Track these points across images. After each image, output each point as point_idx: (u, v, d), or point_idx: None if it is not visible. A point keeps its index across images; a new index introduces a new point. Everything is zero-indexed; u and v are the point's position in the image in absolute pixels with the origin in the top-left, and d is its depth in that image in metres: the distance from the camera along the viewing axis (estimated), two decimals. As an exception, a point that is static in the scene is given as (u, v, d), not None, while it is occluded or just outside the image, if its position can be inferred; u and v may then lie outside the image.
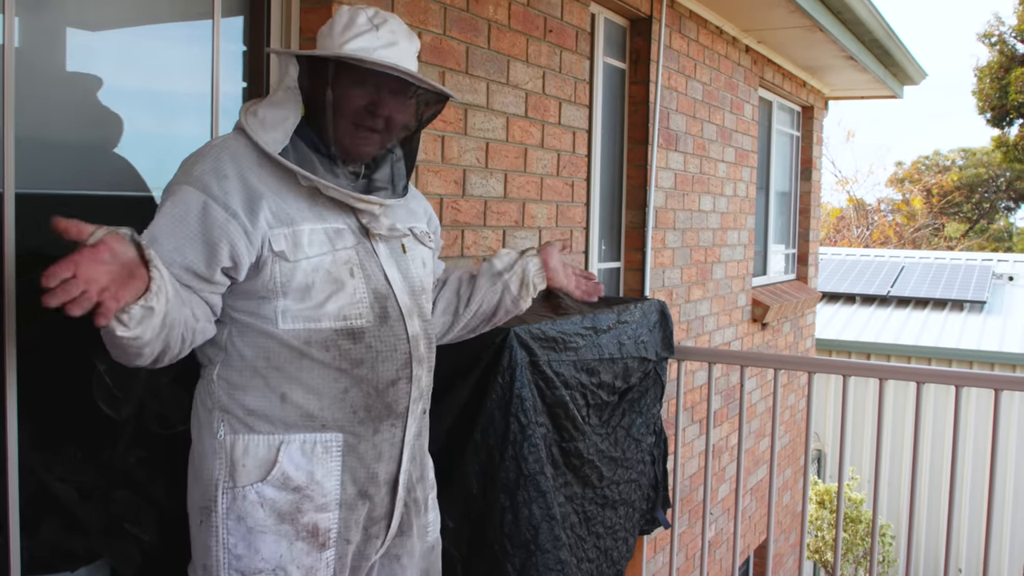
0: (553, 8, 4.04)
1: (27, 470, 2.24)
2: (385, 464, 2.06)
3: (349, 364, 1.95)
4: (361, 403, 1.97)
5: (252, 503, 1.92)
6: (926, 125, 64.46)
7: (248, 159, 1.94)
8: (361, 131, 2.00)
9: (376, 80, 1.98)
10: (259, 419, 1.93)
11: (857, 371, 3.76)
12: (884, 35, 6.95)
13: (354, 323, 1.95)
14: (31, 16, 2.32)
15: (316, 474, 1.95)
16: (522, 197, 3.87)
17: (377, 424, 2.01)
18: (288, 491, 1.93)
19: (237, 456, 1.93)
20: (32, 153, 2.29)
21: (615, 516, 3.27)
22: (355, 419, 1.98)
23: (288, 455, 1.93)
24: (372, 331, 1.98)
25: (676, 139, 5.42)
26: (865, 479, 12.43)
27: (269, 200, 1.90)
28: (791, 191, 8.57)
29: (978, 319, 13.18)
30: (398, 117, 2.03)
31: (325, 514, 1.97)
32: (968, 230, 29.75)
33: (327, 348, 1.93)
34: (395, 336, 2.01)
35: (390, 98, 2.00)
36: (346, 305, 1.95)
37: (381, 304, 2.00)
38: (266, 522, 1.93)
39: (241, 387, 1.94)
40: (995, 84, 20.11)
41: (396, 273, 2.07)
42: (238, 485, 1.93)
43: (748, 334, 6.92)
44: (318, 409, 1.95)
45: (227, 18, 2.82)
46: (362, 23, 1.97)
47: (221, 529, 1.94)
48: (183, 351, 1.86)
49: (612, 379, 3.21)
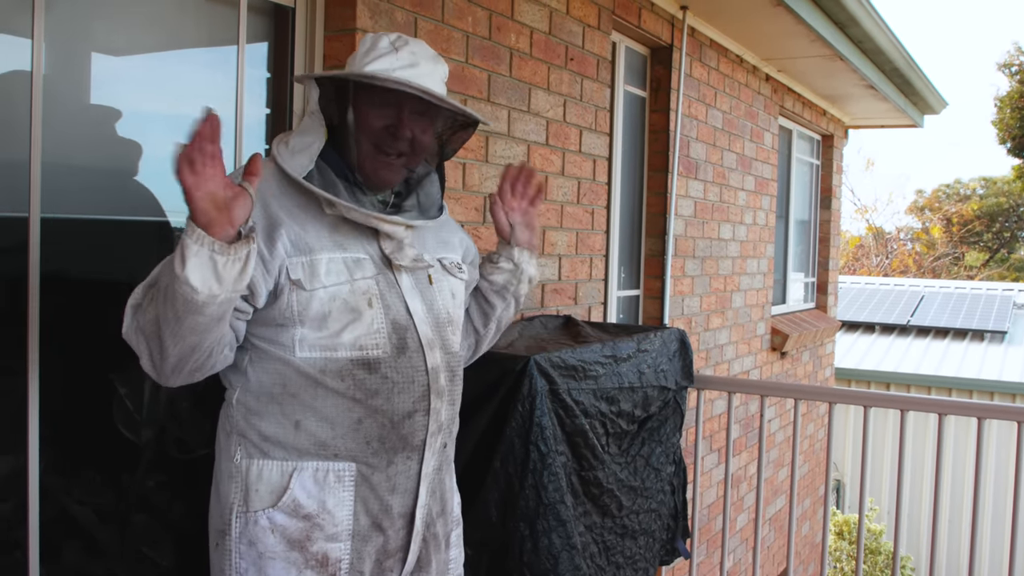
0: (574, 37, 4.06)
1: (47, 493, 2.24)
2: (400, 497, 2.02)
3: (364, 394, 1.93)
4: (375, 434, 1.95)
5: (263, 528, 1.92)
6: (946, 154, 64.23)
7: (273, 187, 1.95)
8: (383, 155, 1.98)
9: (396, 101, 1.96)
10: (273, 445, 1.93)
11: (878, 402, 3.73)
12: (905, 64, 6.94)
13: (370, 353, 1.93)
14: (59, 43, 2.34)
15: (328, 503, 1.94)
16: (542, 224, 3.88)
17: (391, 456, 1.98)
18: (299, 519, 1.92)
19: (251, 481, 1.93)
20: (57, 178, 2.30)
21: (635, 546, 3.25)
22: (368, 450, 1.95)
23: (300, 482, 1.92)
24: (389, 362, 1.95)
25: (696, 167, 5.42)
26: (884, 510, 12.31)
27: (288, 228, 1.91)
28: (811, 219, 8.54)
29: (999, 349, 13.06)
30: (421, 139, 2.00)
31: (336, 544, 1.95)
32: (988, 259, 29.57)
33: (342, 378, 1.92)
34: (413, 368, 1.98)
35: (411, 120, 1.97)
36: (363, 335, 1.93)
37: (400, 335, 1.98)
38: (276, 548, 1.92)
39: (257, 413, 1.94)
40: (1015, 114, 20.02)
41: (419, 304, 2.04)
42: (251, 510, 1.93)
43: (767, 363, 6.89)
44: (331, 438, 1.93)
45: (252, 44, 2.85)
46: (383, 46, 1.98)
47: (234, 553, 1.94)
48: (205, 365, 1.84)
49: (632, 408, 3.19)
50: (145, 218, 2.60)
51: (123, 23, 2.55)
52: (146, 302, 1.75)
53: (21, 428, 2.17)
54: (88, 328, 2.45)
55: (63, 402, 2.29)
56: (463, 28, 3.31)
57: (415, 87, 1.92)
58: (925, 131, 18.65)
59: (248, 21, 2.77)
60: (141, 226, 2.62)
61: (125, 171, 2.57)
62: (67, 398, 2.31)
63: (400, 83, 1.91)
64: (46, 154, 2.23)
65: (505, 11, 3.56)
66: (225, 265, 1.65)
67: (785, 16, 5.12)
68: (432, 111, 2.01)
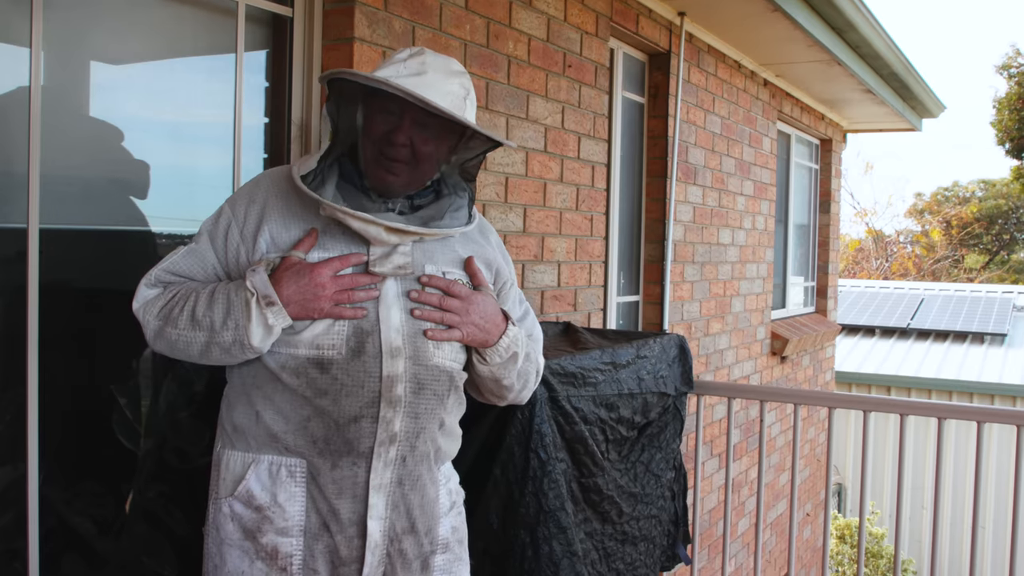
0: (572, 44, 4.06)
1: (47, 504, 2.24)
2: (347, 502, 1.99)
3: (313, 393, 1.95)
4: (321, 434, 1.96)
5: (224, 515, 1.99)
6: (945, 156, 64.25)
7: (282, 187, 2.04)
8: (383, 160, 1.98)
9: (398, 108, 1.95)
10: (240, 435, 2.00)
11: (878, 406, 3.73)
12: (902, 69, 6.95)
13: (325, 353, 1.94)
14: (57, 52, 2.34)
15: (279, 497, 1.97)
16: (541, 231, 3.88)
17: (336, 459, 1.97)
18: (252, 509, 1.98)
19: (222, 469, 2.02)
20: (55, 189, 2.31)
21: (635, 552, 3.25)
22: (315, 449, 1.97)
23: (256, 474, 1.98)
24: (341, 364, 1.95)
25: (695, 173, 5.43)
26: (886, 513, 12.30)
27: (272, 226, 1.98)
28: (810, 224, 8.55)
29: (999, 352, 13.07)
30: (421, 148, 1.98)
31: (286, 539, 1.98)
32: (988, 262, 29.58)
33: (297, 375, 1.95)
34: (366, 373, 1.95)
35: (411, 127, 1.96)
36: (321, 334, 1.94)
37: (359, 339, 1.96)
38: (233, 536, 1.99)
39: (232, 404, 2.03)
40: (1014, 116, 20.01)
41: (396, 313, 1.99)
42: (219, 497, 2.01)
43: (767, 367, 6.89)
44: (283, 432, 1.97)
45: (250, 52, 2.85)
46: (399, 56, 1.99)
47: (208, 538, 2.04)
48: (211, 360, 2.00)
49: (631, 414, 3.19)
50: (144, 228, 2.61)
51: (122, 32, 2.55)
52: (183, 325, 1.95)
53: (21, 438, 2.17)
54: (87, 338, 2.46)
55: (62, 412, 2.29)
56: (461, 36, 3.31)
57: (402, 89, 1.88)
58: (924, 134, 18.70)
59: (246, 30, 2.78)
60: (140, 236, 2.62)
61: (124, 181, 2.57)
62: (66, 408, 2.31)
63: (388, 85, 1.88)
64: (44, 164, 2.24)
65: (503, 19, 3.56)
66: (278, 324, 1.92)
67: (782, 21, 5.13)
68: (437, 121, 1.98)
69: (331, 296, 1.91)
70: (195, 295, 1.95)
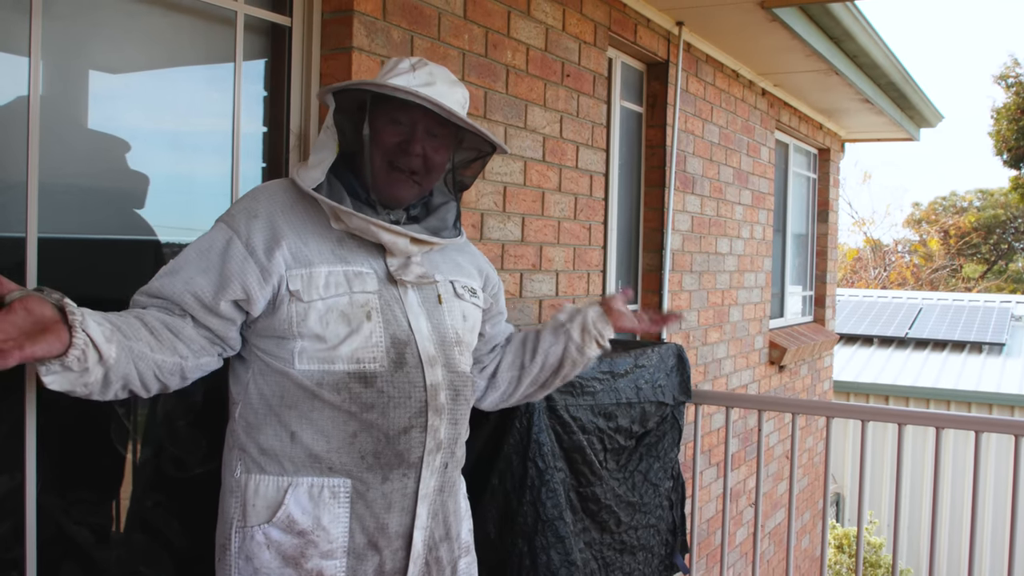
0: (570, 53, 4.07)
1: (45, 513, 2.24)
2: (397, 515, 2.00)
3: (359, 408, 1.93)
4: (370, 449, 1.95)
5: (259, 544, 1.93)
6: (943, 166, 64.44)
7: (283, 201, 2.00)
8: (396, 171, 1.99)
9: (411, 118, 1.98)
10: (270, 459, 1.94)
11: (876, 416, 3.73)
12: (900, 78, 6.97)
13: (367, 367, 1.93)
14: (57, 62, 2.35)
15: (322, 519, 1.94)
16: (539, 241, 3.88)
17: (387, 472, 1.97)
18: (293, 535, 1.92)
19: (249, 496, 1.95)
20: (54, 198, 2.31)
21: (634, 562, 3.25)
22: (363, 465, 1.95)
23: (295, 498, 1.93)
24: (385, 376, 1.95)
25: (693, 182, 5.43)
26: (884, 523, 12.29)
27: (290, 241, 1.94)
28: (808, 233, 8.56)
29: (997, 361, 13.07)
30: (433, 158, 2.01)
31: (331, 561, 1.95)
32: (986, 271, 29.60)
33: (338, 390, 1.92)
34: (410, 383, 1.97)
35: (425, 137, 1.99)
36: (360, 348, 1.93)
37: (399, 350, 1.97)
38: (271, 564, 1.93)
39: (257, 426, 1.96)
40: (1012, 126, 20.07)
41: (424, 322, 2.03)
42: (248, 525, 1.94)
43: (765, 376, 6.89)
44: (325, 451, 1.93)
45: (248, 62, 2.86)
46: (403, 66, 2.01)
47: (233, 568, 1.96)
48: (170, 386, 1.89)
49: (629, 424, 3.19)
50: (142, 237, 2.61)
51: (121, 42, 2.56)
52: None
53: (18, 447, 2.17)
54: (86, 347, 2.44)
55: (60, 421, 2.29)
56: (459, 46, 3.32)
57: (430, 100, 1.93)
58: (922, 144, 18.71)
59: (245, 39, 2.78)
60: (138, 245, 2.62)
61: (123, 190, 2.57)
62: (64, 417, 2.30)
63: (415, 95, 1.92)
64: (43, 173, 2.24)
65: (501, 28, 3.57)
66: (78, 374, 1.66)
67: (780, 31, 5.14)
68: (446, 130, 2.01)
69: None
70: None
